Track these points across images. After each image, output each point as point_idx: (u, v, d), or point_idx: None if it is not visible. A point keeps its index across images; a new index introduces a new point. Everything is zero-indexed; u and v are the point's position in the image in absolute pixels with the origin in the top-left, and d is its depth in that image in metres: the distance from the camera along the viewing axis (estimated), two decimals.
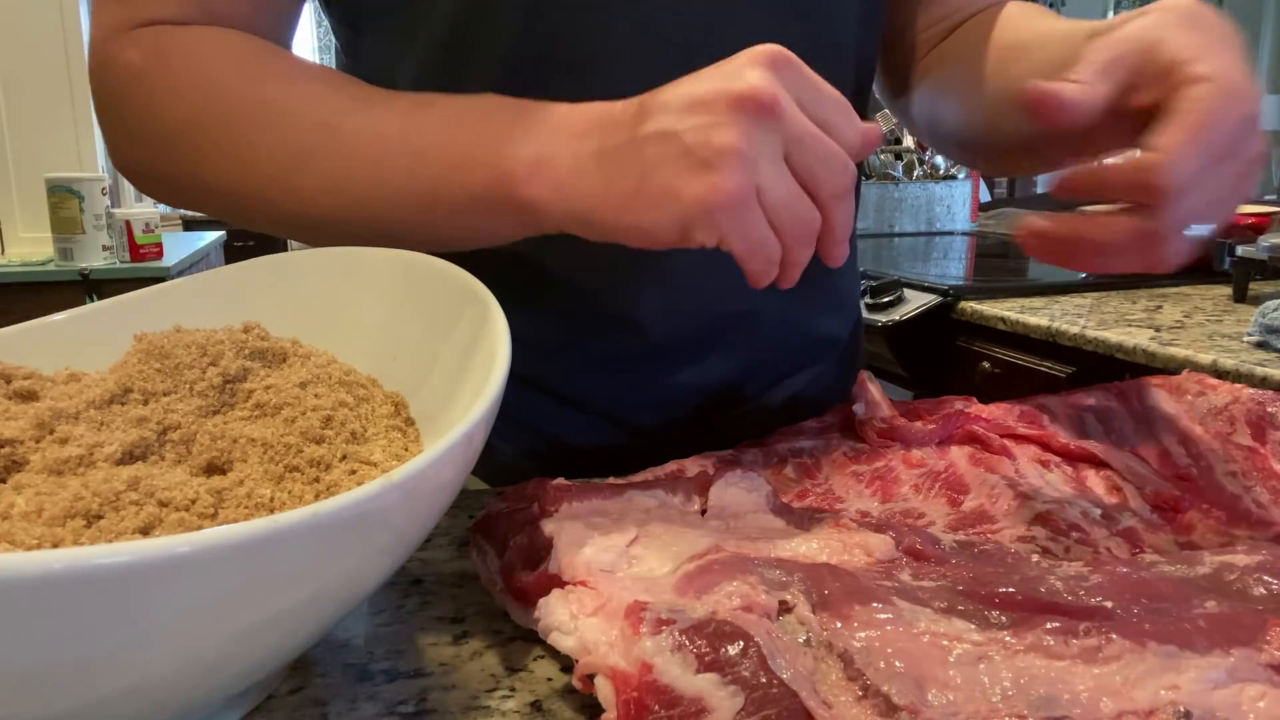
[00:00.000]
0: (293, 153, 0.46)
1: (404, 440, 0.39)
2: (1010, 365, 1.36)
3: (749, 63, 0.40)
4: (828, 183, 0.41)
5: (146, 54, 0.48)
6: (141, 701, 0.27)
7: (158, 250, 2.44)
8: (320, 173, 0.46)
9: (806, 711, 0.27)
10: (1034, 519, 0.44)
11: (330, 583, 0.30)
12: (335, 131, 0.46)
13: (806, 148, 0.40)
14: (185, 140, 0.48)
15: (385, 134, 0.46)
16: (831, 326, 0.69)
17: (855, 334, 0.73)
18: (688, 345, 0.61)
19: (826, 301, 0.67)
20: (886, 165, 2.38)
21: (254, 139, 0.47)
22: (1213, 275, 1.50)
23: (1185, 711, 0.27)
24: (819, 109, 0.41)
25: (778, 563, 0.35)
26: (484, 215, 0.45)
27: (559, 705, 0.34)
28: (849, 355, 0.72)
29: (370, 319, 0.47)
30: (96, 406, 0.36)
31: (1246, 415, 0.50)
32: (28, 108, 2.55)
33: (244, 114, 0.47)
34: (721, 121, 0.39)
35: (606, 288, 0.58)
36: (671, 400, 0.62)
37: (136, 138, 0.50)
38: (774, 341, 0.64)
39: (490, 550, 0.41)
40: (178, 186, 0.51)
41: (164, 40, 0.48)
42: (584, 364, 0.60)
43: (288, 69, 0.49)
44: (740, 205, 0.39)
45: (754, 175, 0.39)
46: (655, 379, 0.61)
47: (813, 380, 0.67)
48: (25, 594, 0.22)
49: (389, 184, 0.46)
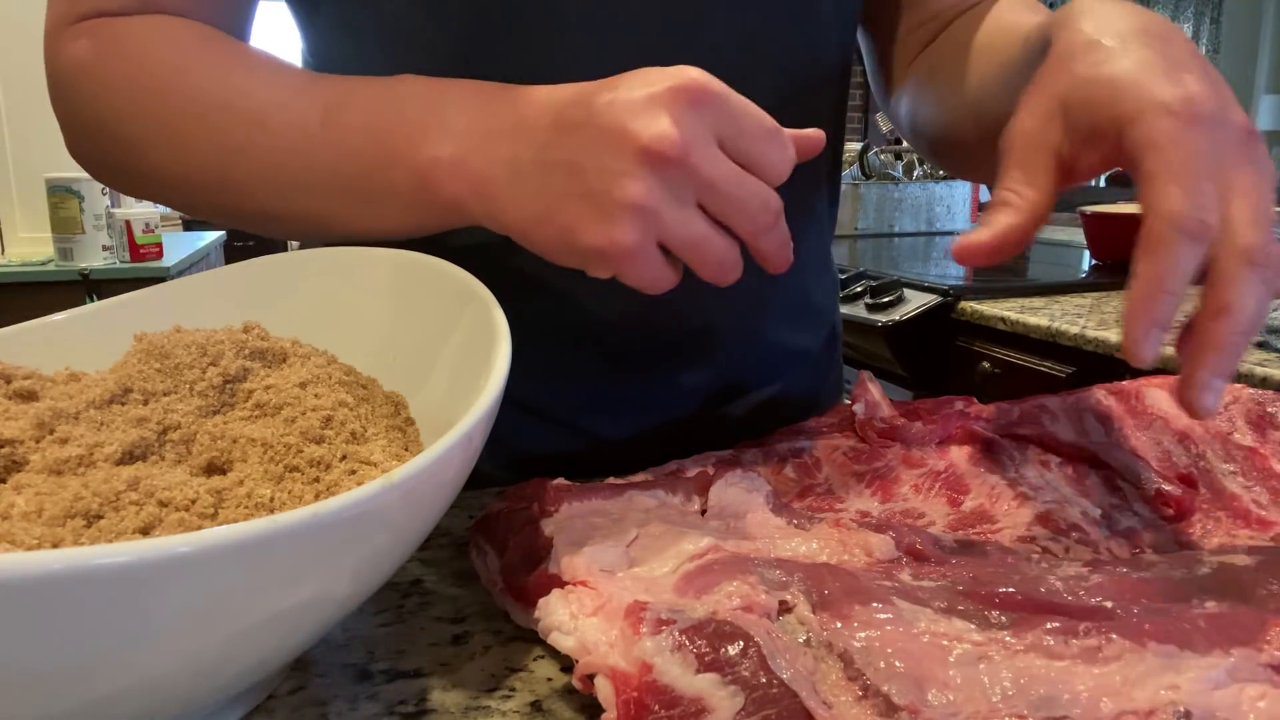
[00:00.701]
0: (223, 148, 0.46)
1: (404, 440, 0.39)
2: (1010, 365, 1.36)
3: (662, 101, 0.39)
4: (744, 224, 0.40)
5: (87, 46, 0.49)
6: (141, 701, 0.27)
7: (158, 250, 2.44)
8: (251, 167, 0.46)
9: (806, 711, 0.27)
10: (1034, 519, 0.44)
11: (330, 583, 0.30)
12: (263, 126, 0.46)
13: (719, 193, 0.39)
14: (124, 131, 0.48)
15: (309, 129, 0.45)
16: (802, 339, 0.68)
17: (830, 344, 0.72)
18: (650, 357, 0.60)
19: (796, 314, 0.66)
20: (886, 165, 2.38)
21: (188, 133, 0.47)
22: None
23: (1185, 711, 0.27)
24: (741, 144, 0.40)
25: (778, 563, 0.35)
26: (412, 210, 0.45)
27: (559, 705, 0.34)
28: (823, 366, 0.71)
29: (370, 319, 0.47)
30: (96, 406, 0.36)
31: (1246, 415, 0.50)
32: (28, 108, 2.55)
33: (177, 108, 0.47)
34: (627, 172, 0.38)
35: (566, 299, 0.57)
36: (634, 410, 0.61)
37: (82, 129, 0.51)
38: (740, 354, 0.63)
39: (490, 550, 0.41)
40: (126, 176, 0.52)
41: (104, 31, 0.49)
42: (543, 373, 0.59)
43: (222, 58, 0.48)
44: (635, 257, 0.40)
45: (654, 227, 0.39)
46: (616, 390, 0.61)
47: (782, 391, 0.67)
48: (25, 594, 0.22)
49: (316, 180, 0.46)
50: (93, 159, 0.52)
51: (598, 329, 0.59)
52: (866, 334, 1.55)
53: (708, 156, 0.39)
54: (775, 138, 0.40)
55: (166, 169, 0.48)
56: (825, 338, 0.71)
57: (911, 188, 2.33)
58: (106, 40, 0.49)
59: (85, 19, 0.50)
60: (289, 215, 0.48)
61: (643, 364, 0.60)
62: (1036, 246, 2.08)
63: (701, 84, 0.39)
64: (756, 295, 0.61)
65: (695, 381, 0.62)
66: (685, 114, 0.38)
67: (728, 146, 0.40)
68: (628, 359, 0.60)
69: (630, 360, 0.60)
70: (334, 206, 0.46)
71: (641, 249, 0.39)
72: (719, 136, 0.39)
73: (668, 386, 0.61)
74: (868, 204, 2.30)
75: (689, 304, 0.58)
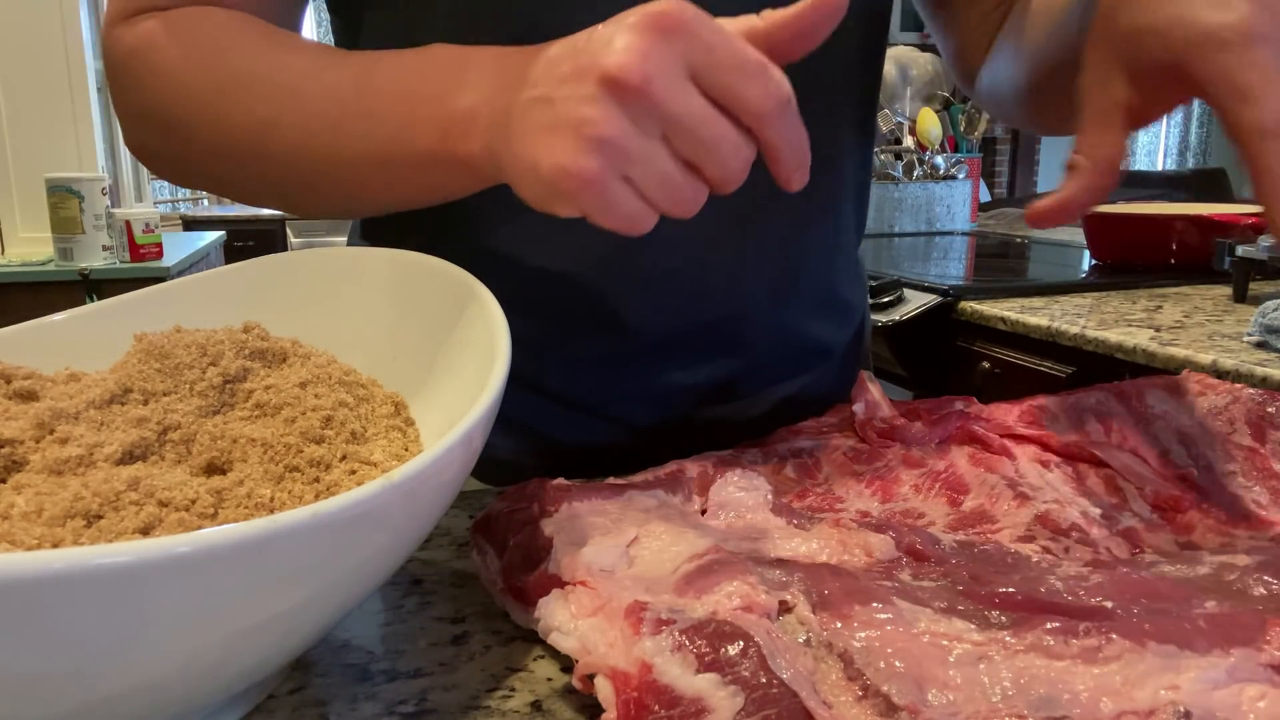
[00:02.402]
0: (261, 120, 0.48)
1: (404, 440, 0.39)
2: (1010, 365, 1.36)
3: (629, 29, 0.37)
4: (712, 168, 0.38)
5: (139, 35, 0.51)
6: (141, 701, 0.27)
7: (158, 250, 2.44)
8: (286, 138, 0.48)
9: (806, 711, 0.27)
10: (1034, 519, 0.44)
11: (330, 583, 0.30)
12: (297, 95, 0.47)
13: (685, 129, 0.37)
14: (172, 113, 0.50)
15: (341, 97, 0.46)
16: (828, 333, 0.68)
17: (857, 340, 0.72)
18: (677, 346, 0.61)
19: (823, 308, 0.67)
20: (886, 165, 2.38)
21: (227, 106, 0.48)
22: (1213, 275, 1.50)
23: (1185, 711, 0.27)
24: (715, 76, 0.37)
25: (778, 563, 0.35)
26: (436, 172, 0.45)
27: (559, 705, 0.34)
28: (849, 361, 0.71)
29: (370, 319, 0.47)
30: (96, 406, 0.36)
31: (1246, 415, 0.50)
32: (28, 108, 2.55)
33: (216, 83, 0.49)
34: (588, 98, 0.37)
35: (595, 287, 0.58)
36: (662, 398, 0.62)
37: (136, 116, 0.53)
38: (765, 345, 0.63)
39: (490, 550, 0.41)
40: (175, 162, 0.54)
41: (156, 23, 0.51)
42: (573, 361, 0.60)
43: (261, 38, 0.50)
44: (596, 188, 0.37)
45: (616, 159, 0.37)
46: (645, 377, 0.61)
47: (808, 385, 0.67)
48: (25, 594, 0.22)
49: (348, 145, 0.47)
50: (147, 147, 0.54)
51: (628, 318, 0.59)
52: None
53: (674, 88, 0.36)
54: (753, 70, 0.37)
55: (209, 145, 0.50)
56: (852, 334, 0.71)
57: (911, 188, 2.33)
58: (157, 30, 0.51)
59: (141, 13, 0.52)
60: (324, 186, 0.49)
61: (669, 354, 0.61)
62: (1036, 246, 2.08)
63: (673, 11, 0.37)
64: (778, 284, 0.62)
65: (718, 372, 0.62)
66: (653, 43, 0.36)
67: (701, 80, 0.37)
68: (654, 349, 0.60)
69: (656, 350, 0.61)
70: (364, 174, 0.47)
71: (602, 180, 0.37)
72: (691, 68, 0.37)
73: (691, 375, 0.62)
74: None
75: (718, 293, 0.59)
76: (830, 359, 0.69)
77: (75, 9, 2.56)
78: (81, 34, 2.57)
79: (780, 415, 0.63)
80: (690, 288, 0.59)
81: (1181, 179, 3.90)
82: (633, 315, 0.59)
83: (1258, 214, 1.47)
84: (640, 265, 0.57)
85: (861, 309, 0.73)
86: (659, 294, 0.58)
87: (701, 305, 0.60)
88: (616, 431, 0.62)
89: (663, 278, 0.58)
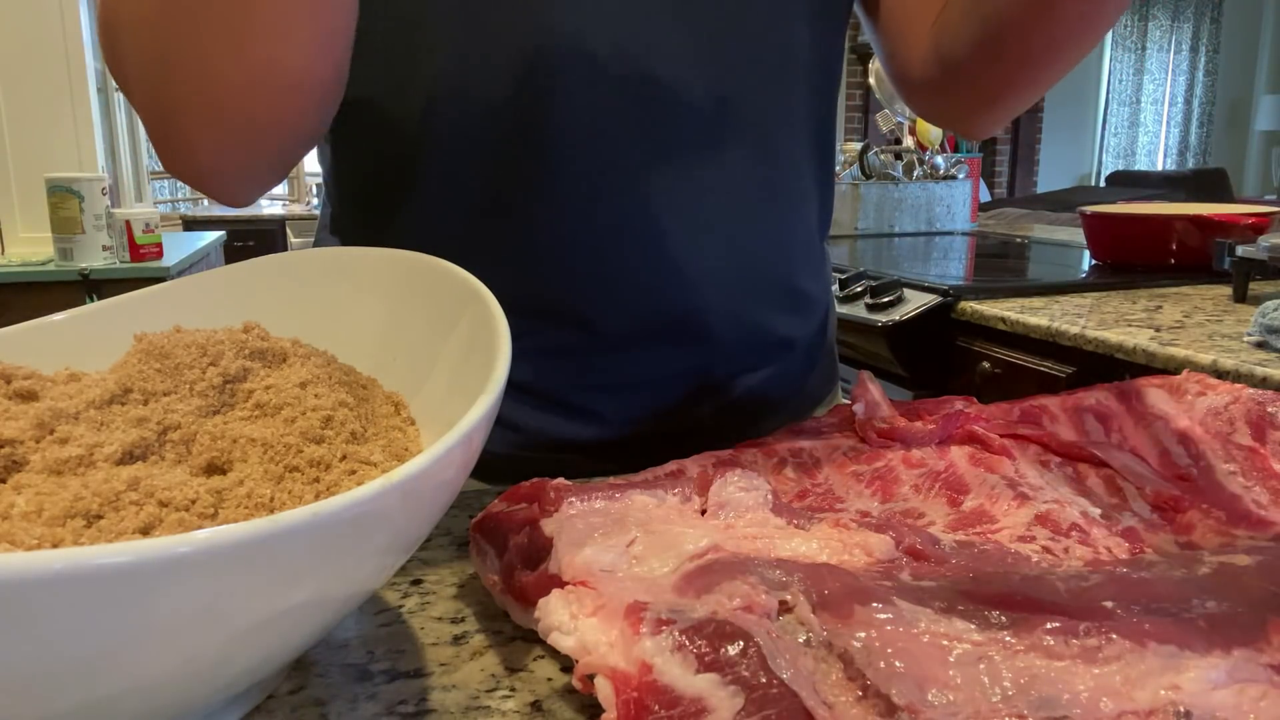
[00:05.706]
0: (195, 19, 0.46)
1: (404, 440, 0.39)
2: (1010, 365, 1.36)
3: None
4: None
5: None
6: (141, 702, 0.27)
7: (158, 250, 2.44)
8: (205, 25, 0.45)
9: (806, 712, 0.27)
10: (1034, 519, 0.44)
11: (330, 583, 0.30)
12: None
13: None
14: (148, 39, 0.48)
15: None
16: (790, 326, 0.69)
17: (821, 332, 0.73)
18: (637, 340, 0.62)
19: (783, 302, 0.68)
20: (886, 165, 2.38)
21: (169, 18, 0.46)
22: (1213, 275, 1.50)
23: (1185, 711, 0.27)
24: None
25: (778, 563, 0.35)
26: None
27: (559, 705, 0.34)
28: (814, 353, 0.72)
29: (370, 319, 0.47)
30: (96, 406, 0.36)
31: (1246, 415, 0.50)
32: (28, 108, 2.55)
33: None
34: None
35: (553, 283, 0.59)
36: (627, 390, 0.63)
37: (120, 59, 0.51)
38: (727, 339, 0.64)
39: (490, 550, 0.41)
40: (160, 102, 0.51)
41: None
42: (534, 353, 0.61)
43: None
44: None
45: None
46: (607, 370, 0.63)
47: (771, 378, 0.68)
48: (25, 594, 0.22)
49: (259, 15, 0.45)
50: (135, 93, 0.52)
51: (586, 312, 0.60)
52: (866, 334, 1.55)
53: None
54: None
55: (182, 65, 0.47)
56: (816, 326, 0.72)
57: (911, 188, 2.33)
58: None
59: None
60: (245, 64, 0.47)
61: (630, 348, 0.62)
62: (1036, 246, 2.08)
63: None
64: (735, 279, 0.63)
65: (681, 365, 0.64)
66: None
67: None
68: (615, 343, 0.62)
69: (613, 342, 0.62)
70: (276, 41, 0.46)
71: None
72: None
73: (654, 368, 0.63)
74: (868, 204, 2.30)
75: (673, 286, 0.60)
76: (794, 351, 0.70)
77: (75, 9, 2.56)
78: (81, 34, 2.57)
79: (747, 407, 0.65)
80: (648, 283, 0.60)
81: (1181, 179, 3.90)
82: (590, 309, 0.60)
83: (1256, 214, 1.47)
84: (597, 262, 0.58)
85: (825, 301, 0.74)
86: (616, 290, 0.60)
87: (660, 301, 0.61)
88: (587, 423, 0.63)
89: (620, 274, 0.59)
